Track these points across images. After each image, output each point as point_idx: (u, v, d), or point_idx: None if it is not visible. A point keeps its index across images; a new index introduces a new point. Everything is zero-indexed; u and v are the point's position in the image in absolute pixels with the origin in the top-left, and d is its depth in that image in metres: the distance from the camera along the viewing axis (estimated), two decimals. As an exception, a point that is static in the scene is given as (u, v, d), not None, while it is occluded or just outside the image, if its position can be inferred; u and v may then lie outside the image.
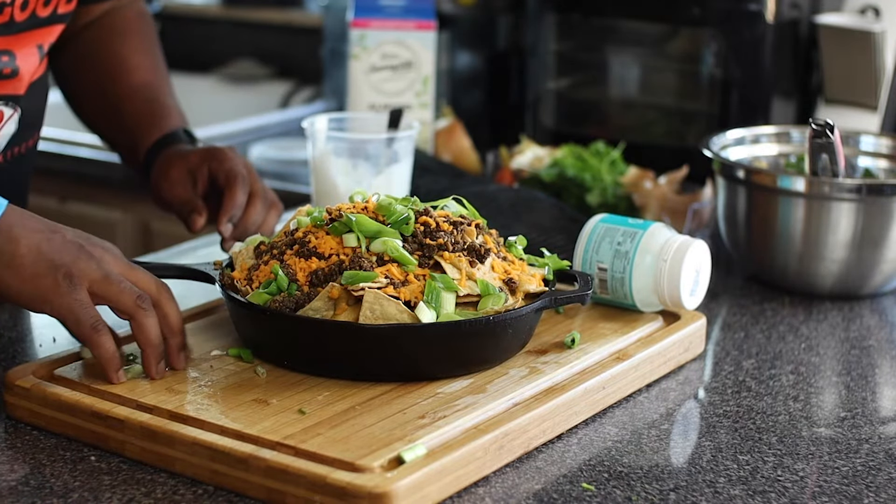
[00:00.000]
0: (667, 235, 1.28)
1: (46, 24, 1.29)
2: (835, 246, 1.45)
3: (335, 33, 2.50)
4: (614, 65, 2.01)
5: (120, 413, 1.04)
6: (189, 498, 0.98)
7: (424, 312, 1.09)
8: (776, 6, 1.83)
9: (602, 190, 1.68)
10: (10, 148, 1.32)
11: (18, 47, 1.26)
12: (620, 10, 1.97)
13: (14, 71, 1.27)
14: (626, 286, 1.28)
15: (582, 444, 1.10)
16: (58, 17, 1.30)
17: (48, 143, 2.28)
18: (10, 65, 1.26)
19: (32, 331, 1.31)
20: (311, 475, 0.95)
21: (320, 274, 1.12)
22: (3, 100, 1.28)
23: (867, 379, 1.27)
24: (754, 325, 1.40)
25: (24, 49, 1.27)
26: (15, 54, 1.26)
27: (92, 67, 1.46)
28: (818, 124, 1.45)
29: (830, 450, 1.11)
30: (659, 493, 1.01)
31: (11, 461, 1.03)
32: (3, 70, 1.26)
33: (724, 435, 1.13)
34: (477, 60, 2.20)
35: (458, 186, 1.61)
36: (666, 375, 1.25)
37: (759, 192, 1.49)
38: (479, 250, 1.15)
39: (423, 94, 1.83)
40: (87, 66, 1.47)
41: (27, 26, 1.26)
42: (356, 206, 1.18)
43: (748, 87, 1.86)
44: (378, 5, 1.83)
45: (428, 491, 0.96)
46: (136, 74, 1.46)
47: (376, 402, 1.07)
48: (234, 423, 1.02)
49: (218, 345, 1.17)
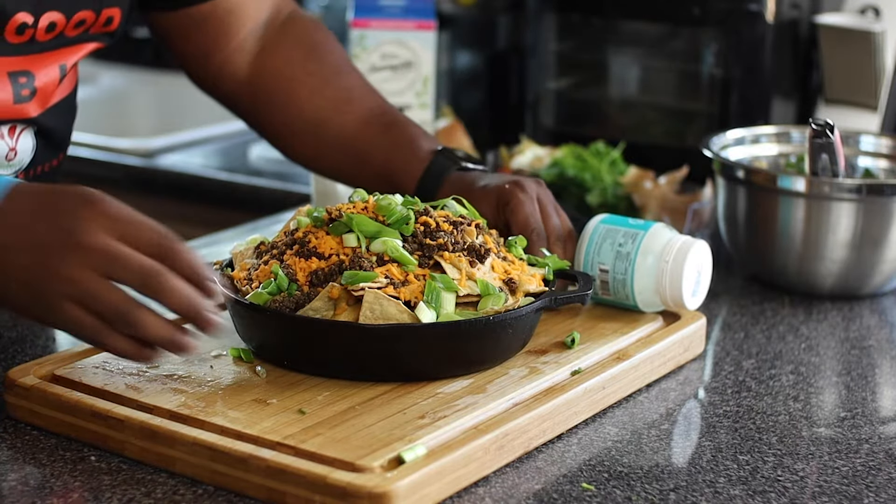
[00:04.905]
0: (668, 236, 1.28)
1: (74, 44, 1.26)
2: (835, 246, 1.45)
3: (335, 33, 2.49)
4: (614, 65, 2.01)
5: (120, 413, 1.04)
6: (189, 498, 0.98)
7: (424, 312, 1.09)
8: (776, 6, 1.83)
9: (602, 190, 1.68)
10: (32, 167, 1.29)
11: (40, 66, 1.23)
12: (620, 10, 1.97)
13: (33, 92, 1.23)
14: (627, 287, 1.27)
15: (582, 444, 1.10)
16: (90, 36, 1.27)
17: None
18: (28, 86, 1.23)
19: (32, 331, 1.31)
20: (311, 475, 0.95)
21: (320, 274, 1.12)
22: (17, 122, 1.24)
23: (867, 379, 1.27)
24: (754, 325, 1.40)
25: (46, 69, 1.24)
26: (34, 75, 1.23)
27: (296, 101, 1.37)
28: (818, 124, 1.45)
29: (830, 450, 1.11)
30: (659, 493, 1.01)
31: (11, 461, 1.03)
32: (22, 92, 1.22)
33: (724, 435, 1.13)
34: (477, 60, 2.20)
35: (458, 186, 1.61)
36: (666, 375, 1.25)
37: (759, 192, 1.49)
38: (479, 250, 1.15)
39: (423, 94, 1.83)
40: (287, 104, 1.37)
41: (52, 46, 1.23)
42: (356, 206, 1.18)
43: (748, 87, 1.86)
44: (378, 5, 1.83)
45: (428, 491, 0.96)
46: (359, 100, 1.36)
47: (376, 402, 1.07)
48: (234, 423, 1.02)
49: (218, 345, 1.17)
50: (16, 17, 1.18)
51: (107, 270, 0.98)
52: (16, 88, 1.22)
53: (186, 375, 1.11)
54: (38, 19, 1.20)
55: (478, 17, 2.18)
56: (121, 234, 0.98)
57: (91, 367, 1.12)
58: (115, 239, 0.98)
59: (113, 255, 0.97)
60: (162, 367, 1.12)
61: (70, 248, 0.98)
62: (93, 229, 0.98)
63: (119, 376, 1.10)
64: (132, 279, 0.98)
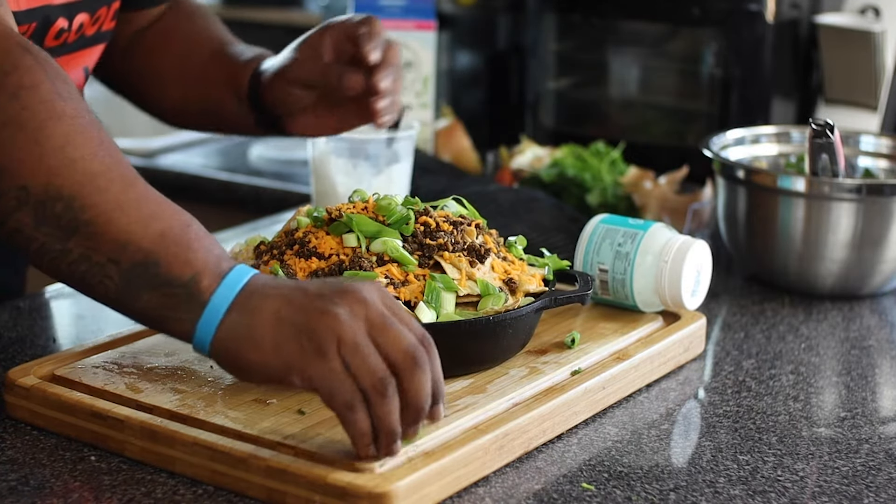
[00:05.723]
0: (667, 236, 1.28)
1: (91, 45, 1.27)
2: (835, 246, 1.45)
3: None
4: (614, 65, 2.01)
5: (120, 413, 1.04)
6: (189, 498, 0.98)
7: (424, 312, 1.09)
8: (776, 6, 1.83)
9: (602, 190, 1.68)
10: None
11: (69, 69, 1.24)
12: (620, 11, 1.97)
13: None
14: (627, 287, 1.28)
15: (582, 444, 1.10)
16: (101, 35, 1.29)
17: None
18: None
19: (32, 331, 1.31)
20: (311, 475, 0.95)
21: (320, 274, 1.12)
22: None
23: (867, 379, 1.27)
24: (754, 325, 1.40)
25: (73, 71, 1.25)
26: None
27: (169, 50, 1.41)
28: (818, 124, 1.45)
29: (830, 450, 1.10)
30: (659, 493, 1.01)
31: (11, 461, 1.03)
32: None
33: (724, 435, 1.13)
34: (477, 60, 2.20)
35: (458, 186, 1.61)
36: (666, 375, 1.25)
37: (759, 192, 1.49)
38: (479, 250, 1.15)
39: (423, 94, 1.83)
40: (162, 51, 1.41)
41: (76, 47, 1.25)
42: (356, 206, 1.18)
43: (748, 87, 1.86)
44: (378, 5, 1.83)
45: (428, 491, 0.96)
46: (215, 41, 1.40)
47: (376, 402, 1.07)
48: (234, 423, 1.02)
49: (218, 345, 1.17)
50: (57, 24, 1.19)
51: (377, 333, 0.94)
52: None
53: (186, 375, 1.11)
54: (71, 22, 1.21)
55: (478, 17, 2.18)
56: (385, 322, 0.95)
57: (91, 367, 1.12)
58: (378, 323, 0.95)
59: (387, 320, 0.95)
60: (162, 367, 1.12)
61: (349, 297, 0.95)
62: (372, 290, 0.96)
63: (119, 376, 1.10)
64: (394, 353, 0.94)
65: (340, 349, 0.93)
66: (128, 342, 1.18)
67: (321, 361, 0.93)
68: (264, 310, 0.95)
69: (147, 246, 0.97)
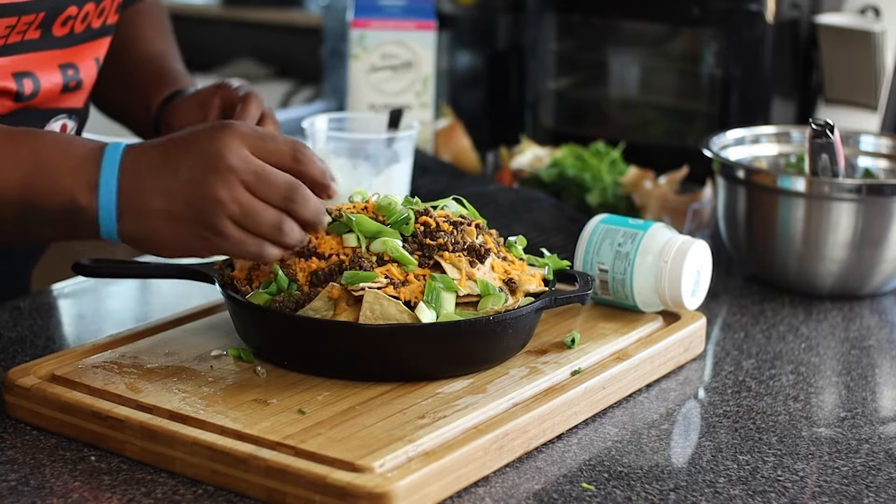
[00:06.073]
0: (667, 236, 1.28)
1: (98, 37, 1.30)
2: (835, 246, 1.45)
3: (335, 33, 2.50)
4: (614, 65, 2.01)
5: (120, 413, 1.04)
6: (189, 498, 0.98)
7: (424, 312, 1.09)
8: (776, 6, 1.83)
9: (602, 190, 1.68)
10: None
11: (80, 60, 1.28)
12: (620, 11, 1.97)
13: (78, 83, 1.28)
14: (627, 287, 1.28)
15: (582, 444, 1.10)
16: (107, 28, 1.31)
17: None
18: (74, 77, 1.27)
19: (32, 331, 1.31)
20: (311, 475, 0.95)
21: (320, 274, 1.12)
22: (68, 112, 1.29)
23: (867, 379, 1.27)
24: (754, 325, 1.40)
25: (85, 62, 1.28)
26: (78, 67, 1.28)
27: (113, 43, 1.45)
28: (818, 124, 1.45)
29: (830, 450, 1.10)
30: (659, 493, 1.01)
31: (11, 461, 1.03)
32: (69, 83, 1.27)
33: (724, 435, 1.13)
34: (477, 60, 2.20)
35: (458, 186, 1.61)
36: (666, 375, 1.25)
37: (759, 192, 1.49)
38: (479, 250, 1.15)
39: (423, 94, 1.83)
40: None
41: (85, 38, 1.27)
42: (356, 206, 1.18)
43: (748, 87, 1.86)
44: (378, 5, 1.83)
45: (428, 491, 0.96)
46: (147, 44, 1.45)
47: (376, 402, 1.07)
48: (234, 423, 1.02)
49: (218, 345, 1.17)
50: (67, 11, 1.22)
51: (254, 189, 1.04)
52: (65, 79, 1.26)
53: (186, 375, 1.11)
54: (80, 10, 1.24)
55: (478, 17, 2.18)
56: (258, 150, 1.05)
57: (91, 367, 1.12)
58: (255, 156, 1.05)
59: (258, 173, 1.04)
60: (162, 367, 1.12)
61: (220, 171, 1.03)
62: (234, 148, 1.04)
63: (119, 376, 1.10)
64: (275, 197, 1.05)
65: (235, 220, 1.04)
66: (128, 342, 1.18)
67: (223, 240, 1.05)
68: (153, 211, 1.04)
69: (17, 196, 1.05)
